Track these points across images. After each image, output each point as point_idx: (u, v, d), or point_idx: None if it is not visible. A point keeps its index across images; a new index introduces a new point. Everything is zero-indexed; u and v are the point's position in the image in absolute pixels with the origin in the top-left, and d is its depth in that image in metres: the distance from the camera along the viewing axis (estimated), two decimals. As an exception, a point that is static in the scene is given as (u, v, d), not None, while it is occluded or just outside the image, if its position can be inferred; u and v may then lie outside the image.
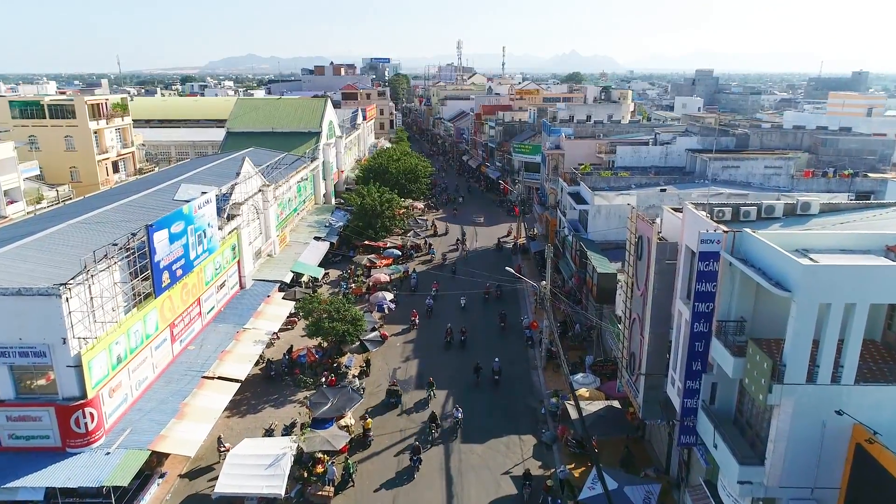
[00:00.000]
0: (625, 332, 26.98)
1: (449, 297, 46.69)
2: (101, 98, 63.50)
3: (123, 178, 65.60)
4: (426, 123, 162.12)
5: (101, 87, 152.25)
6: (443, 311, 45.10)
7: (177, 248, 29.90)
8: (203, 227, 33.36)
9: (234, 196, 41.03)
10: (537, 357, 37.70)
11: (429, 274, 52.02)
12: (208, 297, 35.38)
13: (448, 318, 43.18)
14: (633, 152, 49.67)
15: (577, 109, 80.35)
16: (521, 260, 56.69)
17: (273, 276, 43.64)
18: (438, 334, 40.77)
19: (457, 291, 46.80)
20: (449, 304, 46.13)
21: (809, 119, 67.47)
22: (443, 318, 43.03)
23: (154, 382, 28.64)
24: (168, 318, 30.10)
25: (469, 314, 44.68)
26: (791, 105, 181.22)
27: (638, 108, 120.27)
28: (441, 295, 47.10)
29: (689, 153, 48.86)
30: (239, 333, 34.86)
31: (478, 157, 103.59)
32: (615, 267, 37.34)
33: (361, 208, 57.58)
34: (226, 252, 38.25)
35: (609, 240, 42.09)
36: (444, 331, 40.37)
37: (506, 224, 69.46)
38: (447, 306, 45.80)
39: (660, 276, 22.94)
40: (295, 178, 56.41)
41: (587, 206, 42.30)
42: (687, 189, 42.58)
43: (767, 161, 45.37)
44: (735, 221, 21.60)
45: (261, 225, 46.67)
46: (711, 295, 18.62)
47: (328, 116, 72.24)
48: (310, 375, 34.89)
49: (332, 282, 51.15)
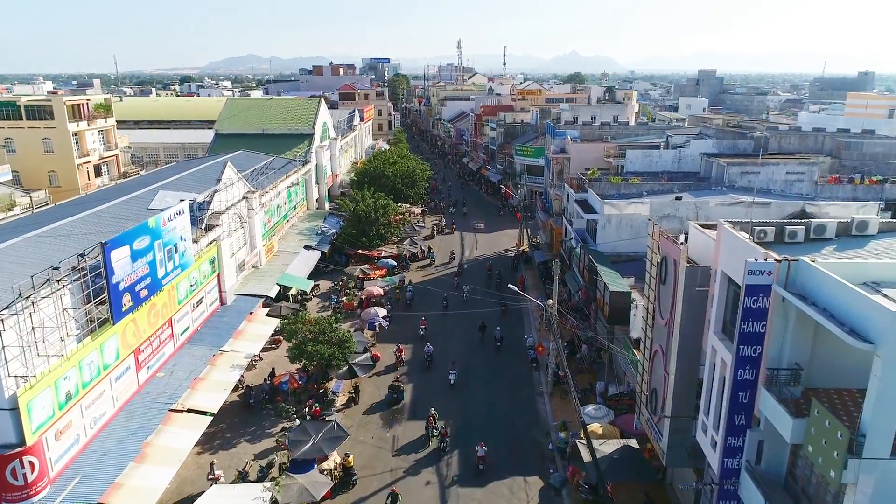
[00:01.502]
0: (644, 365, 23.79)
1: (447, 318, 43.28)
2: (81, 98, 60.33)
3: (107, 182, 62.55)
4: (426, 124, 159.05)
5: (93, 86, 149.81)
6: (440, 337, 40.11)
7: (141, 267, 26.73)
8: (174, 241, 30.18)
9: (214, 204, 37.87)
10: (543, 382, 34.50)
11: (426, 292, 48.61)
12: (182, 317, 32.20)
13: (445, 346, 39.04)
14: (643, 156, 46.56)
15: (581, 110, 77.30)
16: (524, 270, 53.47)
17: (257, 291, 40.45)
18: (433, 373, 35.99)
19: (457, 311, 43.39)
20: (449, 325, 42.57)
21: (826, 121, 64.28)
22: (441, 358, 36.92)
23: (113, 418, 25.45)
24: (132, 345, 26.93)
25: (469, 335, 41.18)
26: (797, 106, 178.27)
27: (642, 109, 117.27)
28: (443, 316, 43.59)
29: (703, 157, 45.71)
30: (215, 357, 31.68)
31: (478, 160, 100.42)
32: (628, 282, 34.21)
33: (354, 215, 54.41)
34: (203, 266, 35.08)
35: (620, 252, 38.97)
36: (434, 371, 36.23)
37: (507, 230, 66.27)
38: (446, 331, 41.96)
39: (688, 304, 19.77)
40: (285, 183, 53.25)
41: (596, 215, 39.13)
42: (704, 197, 39.42)
43: (789, 166, 42.19)
44: (779, 243, 18.42)
45: (245, 234, 43.50)
46: (759, 337, 15.45)
47: (322, 117, 69.09)
48: (293, 403, 31.74)
49: (323, 294, 47.98)
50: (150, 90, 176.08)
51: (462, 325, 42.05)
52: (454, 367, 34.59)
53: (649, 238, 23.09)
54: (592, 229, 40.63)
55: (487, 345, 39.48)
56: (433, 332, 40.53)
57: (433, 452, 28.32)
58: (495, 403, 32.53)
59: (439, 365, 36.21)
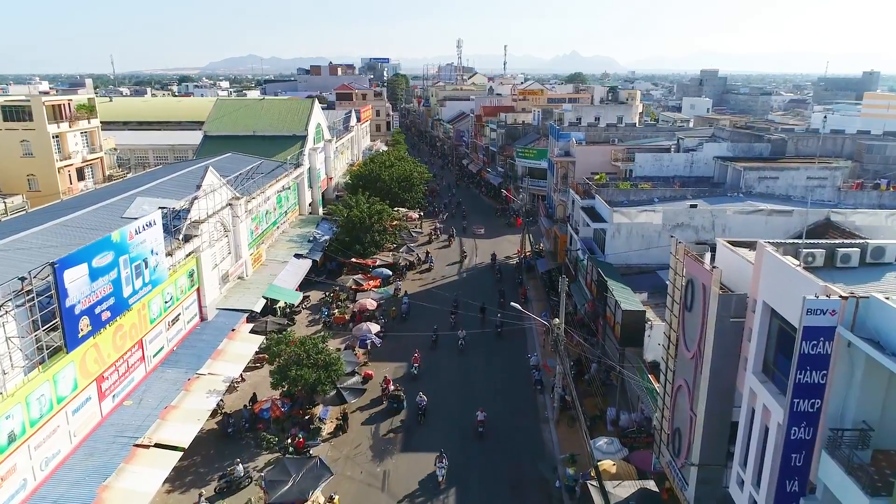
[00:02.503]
0: (665, 399, 21.07)
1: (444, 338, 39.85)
2: (62, 99, 57.60)
3: (90, 186, 59.89)
4: (425, 125, 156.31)
5: (84, 86, 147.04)
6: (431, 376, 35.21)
7: (103, 286, 24.04)
8: (144, 256, 27.48)
9: (194, 213, 35.18)
10: (548, 406, 31.79)
11: (424, 302, 45.77)
12: (155, 337, 29.49)
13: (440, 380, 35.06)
14: (653, 160, 43.86)
15: (585, 111, 74.46)
16: (525, 279, 50.73)
17: (241, 305, 37.74)
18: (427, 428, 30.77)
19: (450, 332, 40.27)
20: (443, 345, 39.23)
21: (841, 122, 61.54)
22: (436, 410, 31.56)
23: (71, 455, 22.77)
24: (93, 372, 24.25)
25: (469, 357, 37.90)
26: (801, 106, 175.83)
27: (646, 110, 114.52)
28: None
29: (717, 161, 43.03)
30: (191, 381, 28.98)
31: (478, 162, 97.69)
32: (641, 298, 31.52)
33: (348, 221, 51.69)
34: (180, 280, 32.39)
35: (630, 263, 36.33)
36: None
37: (508, 236, 63.51)
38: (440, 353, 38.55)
39: (721, 338, 17.07)
40: (274, 188, 50.56)
41: (605, 224, 36.43)
42: (721, 204, 36.78)
43: (810, 171, 39.48)
44: (829, 268, 15.72)
45: (230, 244, 40.82)
46: (819, 389, 12.75)
47: (315, 118, 66.38)
48: (275, 432, 29.02)
49: (314, 306, 45.26)
50: (145, 90, 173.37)
51: (456, 362, 37.39)
52: (442, 459, 27.72)
53: (672, 257, 20.39)
54: (600, 239, 37.95)
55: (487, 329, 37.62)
56: (425, 370, 35.65)
57: (429, 491, 25.62)
58: (497, 430, 29.81)
59: (434, 418, 30.90)
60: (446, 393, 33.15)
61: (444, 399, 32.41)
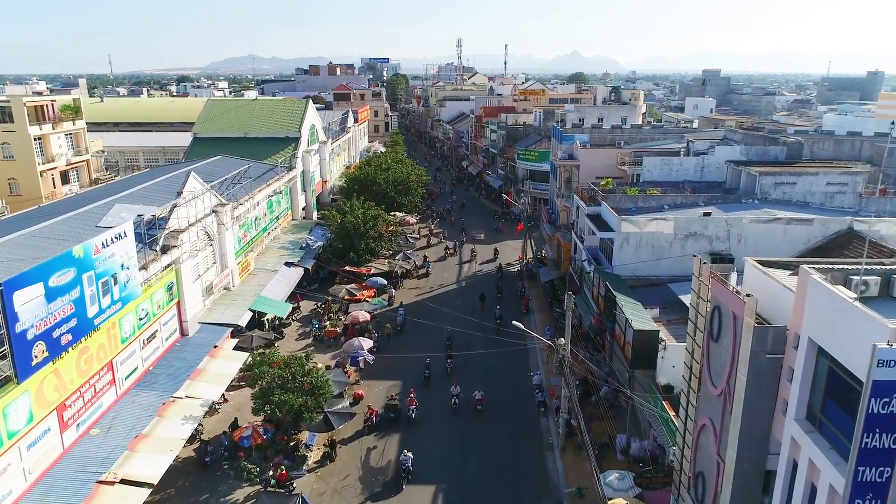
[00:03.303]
0: (687, 438, 18.81)
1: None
2: (45, 100, 55.39)
3: (76, 189, 57.66)
4: (424, 126, 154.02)
5: (78, 86, 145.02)
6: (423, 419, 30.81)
7: (62, 307, 21.80)
8: (112, 272, 25.24)
9: (173, 221, 32.94)
10: (553, 431, 29.51)
11: (421, 313, 43.42)
12: (127, 358, 27.27)
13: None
14: (662, 164, 41.61)
15: (588, 112, 72.29)
16: (527, 288, 48.41)
17: (225, 318, 35.50)
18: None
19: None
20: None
21: (854, 123, 59.26)
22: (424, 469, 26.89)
23: (25, 495, 20.54)
24: (53, 401, 22.03)
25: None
26: (805, 106, 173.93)
27: (649, 110, 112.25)
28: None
29: (730, 165, 40.76)
30: (165, 406, 26.74)
31: (478, 164, 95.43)
32: (652, 315, 29.27)
33: (342, 227, 49.43)
34: (158, 295, 30.16)
35: (639, 275, 34.06)
36: None
37: (508, 241, 61.17)
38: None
39: (755, 376, 14.82)
40: (265, 192, 48.33)
41: (612, 233, 34.15)
42: (736, 212, 34.52)
43: (830, 176, 37.22)
44: (885, 297, 13.46)
45: (215, 253, 38.59)
46: (890, 455, 10.50)
47: (310, 119, 64.15)
48: (257, 460, 26.77)
49: (304, 317, 43.01)
50: (141, 91, 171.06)
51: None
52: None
53: (694, 279, 18.10)
54: (607, 248, 35.69)
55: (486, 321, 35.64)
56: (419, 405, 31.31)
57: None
58: (497, 458, 27.58)
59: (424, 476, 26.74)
60: (440, 437, 29.61)
61: (437, 439, 29.79)
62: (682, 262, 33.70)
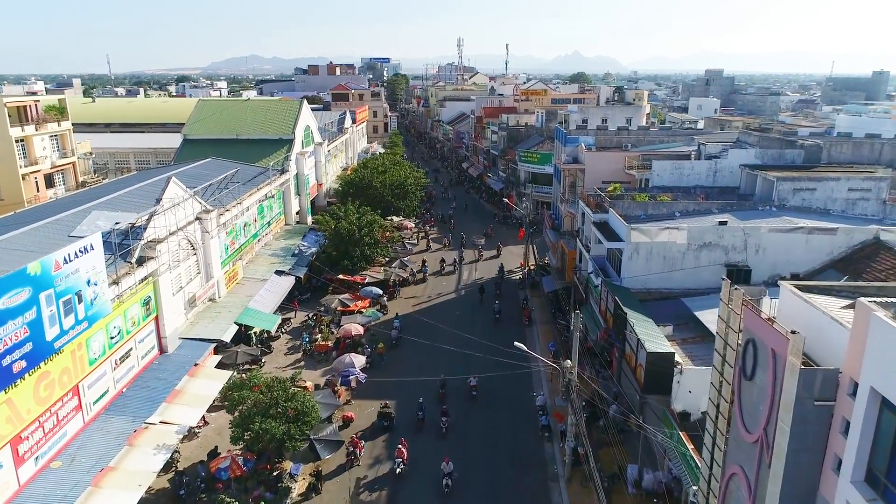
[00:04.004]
0: (713, 487, 16.59)
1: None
2: (28, 100, 53.21)
3: (62, 193, 55.52)
4: (424, 126, 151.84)
5: (72, 86, 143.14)
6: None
7: (14, 331, 19.64)
8: (77, 289, 23.08)
9: (151, 231, 30.79)
10: (558, 459, 27.33)
11: (418, 328, 41.24)
12: (96, 381, 25.12)
13: None
14: (673, 168, 39.47)
15: (591, 112, 70.20)
16: (529, 297, 46.18)
17: (208, 333, 33.32)
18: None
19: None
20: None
21: (870, 124, 57.03)
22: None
23: (-30, 543, 18.42)
24: (6, 434, 19.89)
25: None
26: (810, 106, 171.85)
27: (653, 111, 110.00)
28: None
29: (744, 170, 38.59)
30: (137, 433, 24.58)
31: (479, 166, 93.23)
32: (665, 332, 27.11)
33: (336, 234, 47.25)
34: (132, 310, 28.00)
35: (650, 288, 31.93)
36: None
37: (510, 247, 58.88)
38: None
39: (800, 426, 12.61)
40: (255, 197, 46.17)
41: (621, 243, 31.95)
42: (753, 220, 32.36)
43: (852, 182, 35.04)
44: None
45: (199, 262, 36.43)
46: None
47: (304, 120, 61.97)
48: (236, 493, 24.59)
49: (295, 330, 40.83)
50: (138, 91, 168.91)
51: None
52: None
53: (722, 305, 15.90)
54: (615, 259, 33.50)
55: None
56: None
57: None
58: (498, 488, 25.39)
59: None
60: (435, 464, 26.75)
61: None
62: (695, 275, 31.58)
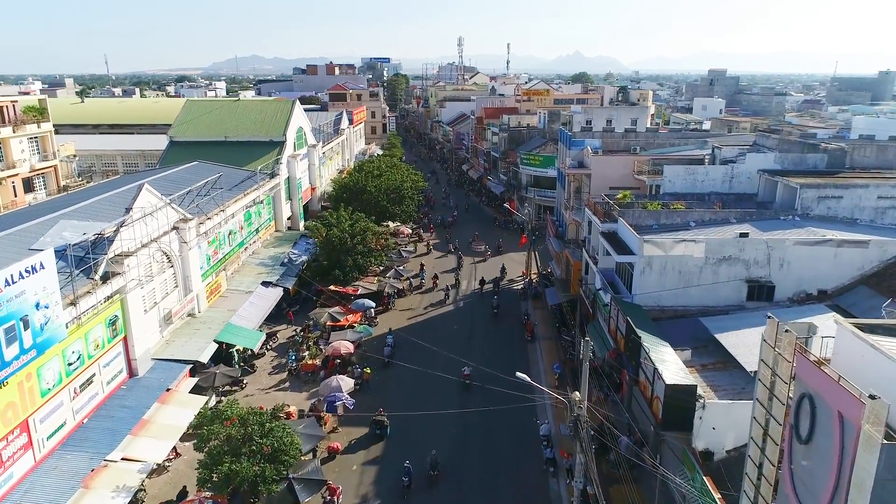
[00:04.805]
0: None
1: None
2: (5, 100, 50.70)
3: (42, 197, 53.00)
4: (424, 127, 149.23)
5: (65, 86, 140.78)
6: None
7: (-60, 367, 17.08)
8: (21, 314, 20.47)
9: (119, 244, 28.19)
10: (564, 498, 24.70)
11: (412, 349, 38.54)
12: (50, 414, 22.56)
13: None
14: (686, 174, 36.79)
15: (596, 113, 67.65)
16: (532, 311, 43.50)
17: (184, 353, 30.72)
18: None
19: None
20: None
21: (890, 126, 54.43)
22: None
23: None
24: (-68, 484, 17.32)
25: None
26: (815, 106, 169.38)
27: (657, 111, 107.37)
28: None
29: (763, 176, 35.91)
30: (94, 473, 21.98)
31: (479, 168, 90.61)
32: (683, 357, 24.49)
33: (327, 242, 44.65)
34: (95, 332, 25.42)
35: (663, 305, 29.31)
36: None
37: (511, 254, 56.24)
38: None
39: (879, 510, 9.94)
40: (241, 203, 43.62)
41: (633, 257, 29.30)
42: (775, 231, 29.71)
43: (882, 189, 32.34)
44: None
45: (177, 275, 33.84)
46: None
47: (296, 122, 59.42)
48: (206, 540, 21.99)
49: (282, 346, 38.22)
50: (134, 91, 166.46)
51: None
52: None
53: (765, 347, 13.25)
54: (626, 272, 30.86)
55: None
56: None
57: None
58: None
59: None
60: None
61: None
62: (713, 291, 29.00)
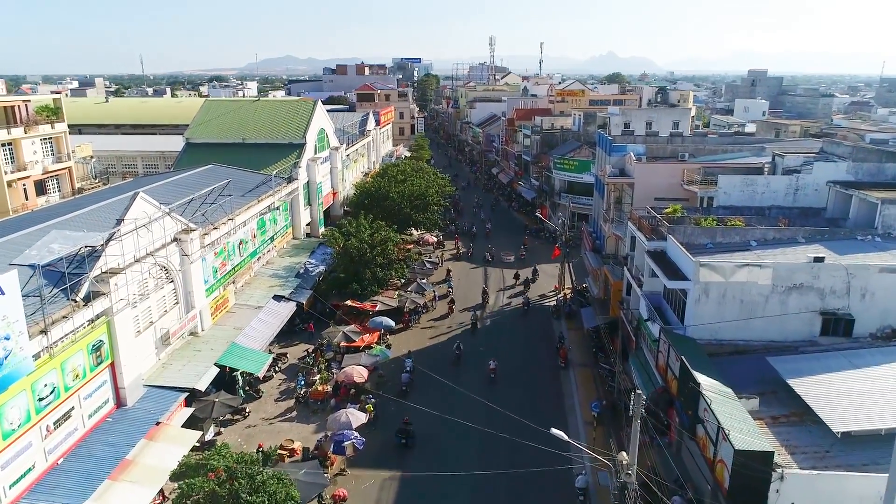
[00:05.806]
0: None
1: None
2: (16, 100, 48.91)
3: (55, 200, 51.20)
4: (453, 128, 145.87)
5: (94, 86, 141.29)
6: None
7: None
8: (-25, 347, 17.67)
9: (111, 257, 25.40)
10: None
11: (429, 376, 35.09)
12: (15, 458, 19.75)
13: None
14: (743, 185, 32.70)
15: (634, 115, 63.35)
16: (566, 334, 39.53)
17: (179, 380, 27.80)
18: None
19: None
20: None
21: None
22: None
23: None
24: None
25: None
26: (864, 108, 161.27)
27: (698, 113, 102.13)
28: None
29: (833, 188, 31.58)
30: (61, 529, 19.11)
31: (509, 172, 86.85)
32: (749, 406, 20.55)
33: (345, 253, 41.55)
34: (73, 361, 22.62)
35: (721, 339, 25.35)
36: None
37: (542, 265, 52.35)
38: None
39: None
40: (254, 210, 40.84)
41: (686, 282, 25.40)
42: (854, 255, 25.52)
43: (977, 205, 27.84)
44: None
45: (177, 291, 31.05)
46: None
47: (318, 123, 56.58)
48: None
49: (292, 367, 35.20)
50: (164, 90, 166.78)
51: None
52: None
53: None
54: (677, 299, 26.96)
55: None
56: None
57: None
58: None
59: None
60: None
61: None
62: (781, 324, 24.95)
